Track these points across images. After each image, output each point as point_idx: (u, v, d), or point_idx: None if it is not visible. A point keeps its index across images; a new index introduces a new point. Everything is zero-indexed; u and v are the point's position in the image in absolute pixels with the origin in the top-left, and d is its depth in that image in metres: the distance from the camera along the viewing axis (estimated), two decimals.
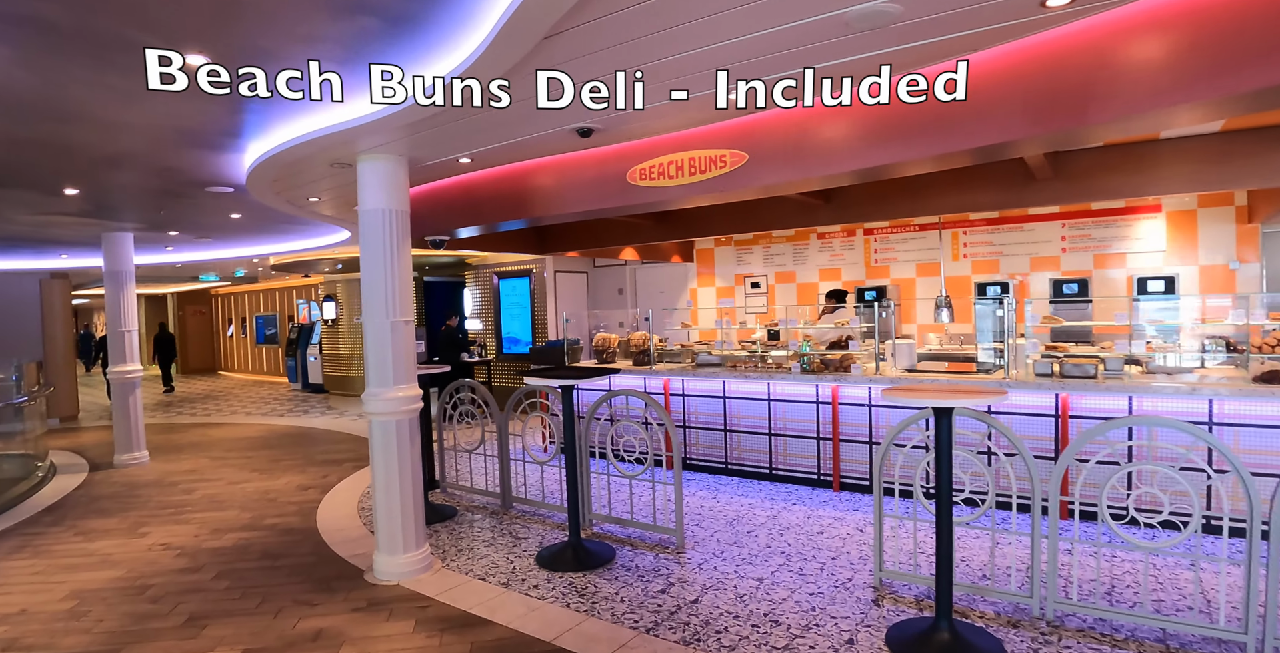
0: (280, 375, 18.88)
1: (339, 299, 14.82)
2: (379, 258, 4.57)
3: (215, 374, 21.81)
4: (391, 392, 4.58)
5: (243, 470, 8.05)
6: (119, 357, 8.50)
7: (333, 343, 15.12)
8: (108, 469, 8.47)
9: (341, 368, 14.95)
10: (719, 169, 4.49)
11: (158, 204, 6.74)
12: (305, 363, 16.02)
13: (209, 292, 22.07)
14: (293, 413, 12.64)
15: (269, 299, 19.52)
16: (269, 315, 19.51)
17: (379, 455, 4.62)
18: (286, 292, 18.73)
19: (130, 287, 8.61)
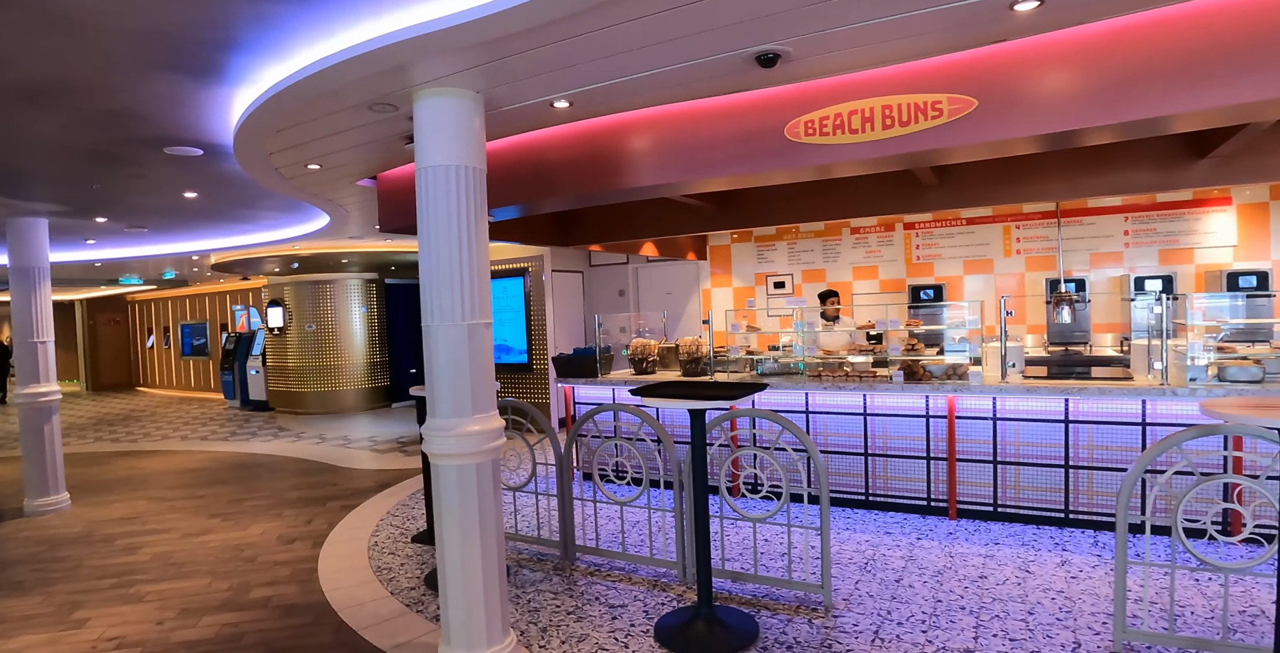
0: (213, 391, 16.77)
1: (288, 304, 13.03)
2: (448, 234, 3.21)
3: (133, 390, 19.38)
4: (469, 424, 3.22)
5: (198, 516, 6.41)
6: (29, 374, 6.73)
7: (279, 354, 13.30)
8: (16, 519, 6.68)
9: (290, 382, 13.15)
10: (929, 120, 3.32)
11: (90, 174, 5.13)
12: (245, 377, 14.11)
13: (125, 298, 19.64)
14: (238, 437, 10.84)
15: (197, 305, 17.37)
16: (197, 324, 17.36)
17: (450, 514, 3.24)
18: (218, 296, 16.66)
19: (45, 286, 6.86)
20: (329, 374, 12.93)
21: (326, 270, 12.46)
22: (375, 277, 13.19)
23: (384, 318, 13.41)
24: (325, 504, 6.57)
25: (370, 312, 13.17)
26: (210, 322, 16.99)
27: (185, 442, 10.62)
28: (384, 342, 13.40)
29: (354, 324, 13.02)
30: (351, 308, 12.99)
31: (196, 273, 13.42)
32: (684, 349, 6.60)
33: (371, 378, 13.21)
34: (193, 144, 4.39)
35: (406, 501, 6.55)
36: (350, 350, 13.01)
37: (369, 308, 13.15)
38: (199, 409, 14.58)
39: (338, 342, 12.92)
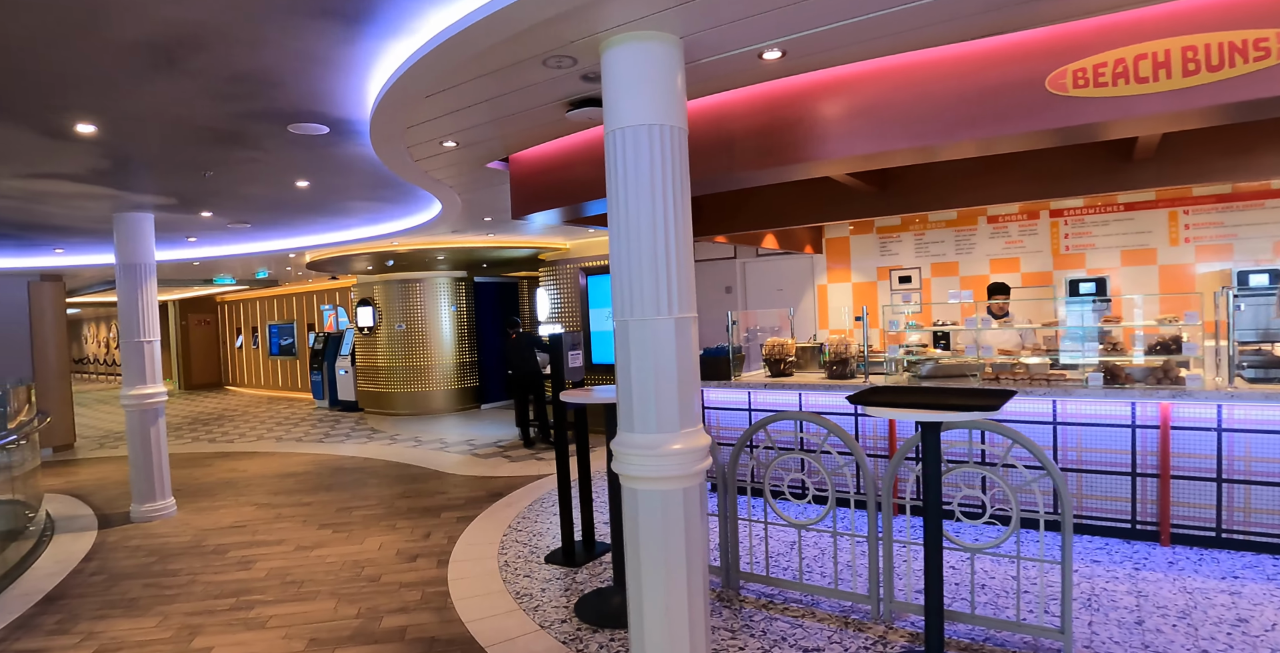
0: (300, 391, 16.78)
1: (377, 303, 12.80)
2: (651, 209, 2.62)
3: (223, 390, 19.65)
4: (674, 441, 2.62)
5: (308, 526, 6.03)
6: (135, 375, 6.47)
7: (368, 354, 13.09)
8: (123, 525, 6.43)
9: (379, 383, 12.91)
10: (1252, 63, 2.58)
11: (204, 160, 4.75)
12: (334, 377, 13.97)
13: (215, 298, 19.94)
14: (331, 439, 10.59)
15: (284, 305, 17.43)
16: (284, 324, 17.42)
17: (651, 549, 2.65)
18: (306, 296, 16.66)
19: (151, 284, 6.59)
20: (418, 374, 12.65)
21: (418, 268, 12.16)
22: (464, 275, 12.85)
23: (473, 317, 13.07)
24: (439, 515, 6.11)
25: (459, 311, 12.84)
26: (298, 322, 17.01)
27: (280, 443, 10.42)
28: (473, 342, 13.06)
29: (443, 323, 12.71)
30: (440, 307, 12.68)
31: (289, 272, 13.32)
32: (831, 349, 5.91)
33: (460, 378, 12.87)
34: (320, 120, 3.92)
35: (526, 513, 6.04)
36: (439, 350, 12.70)
37: (458, 307, 12.82)
38: (288, 409, 14.52)
39: (427, 341, 12.62)
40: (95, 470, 9.11)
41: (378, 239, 8.80)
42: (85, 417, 14.74)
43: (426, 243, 9.53)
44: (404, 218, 7.54)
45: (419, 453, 9.03)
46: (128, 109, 3.65)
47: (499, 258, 11.20)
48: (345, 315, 15.26)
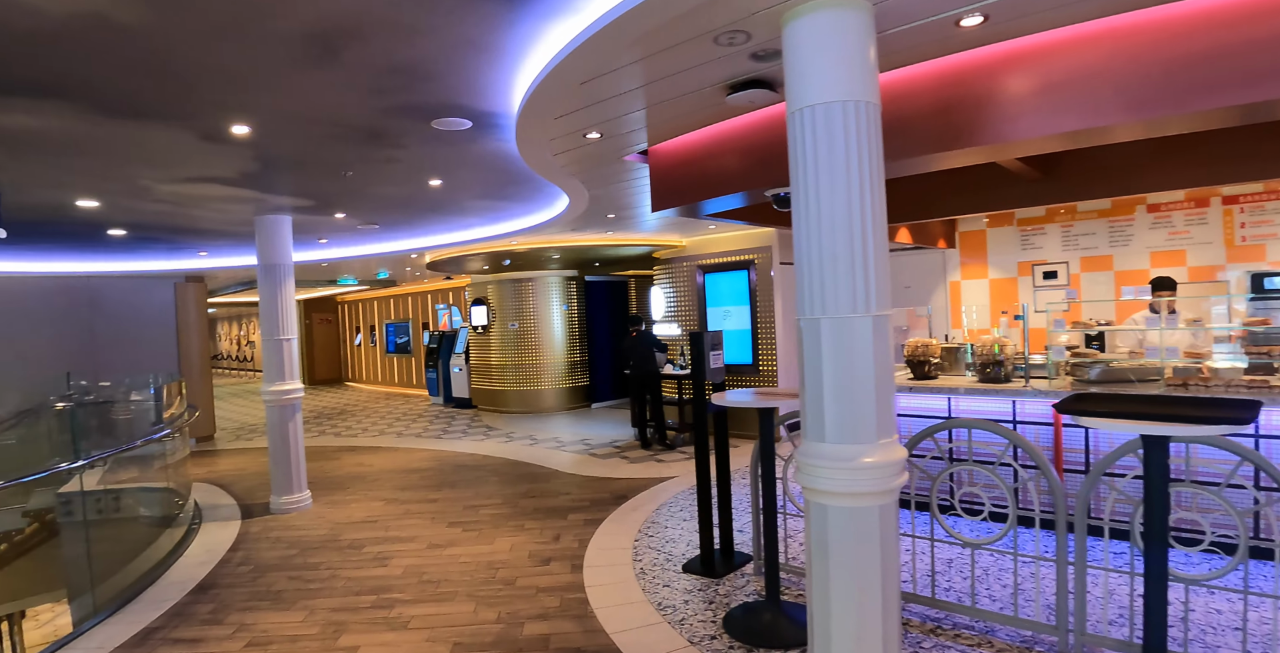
0: (414, 388, 17.30)
1: (491, 302, 12.99)
2: (846, 195, 2.36)
3: (343, 386, 20.53)
4: (870, 453, 2.35)
5: (436, 523, 6.05)
6: (275, 372, 6.67)
7: (482, 352, 13.30)
8: (264, 516, 6.65)
9: (493, 381, 13.09)
10: None
11: (346, 159, 4.79)
12: (449, 375, 14.28)
13: (335, 298, 20.87)
14: (450, 435, 10.77)
15: (400, 305, 18.02)
16: (400, 322, 18.00)
17: (841, 572, 2.39)
18: (420, 296, 17.16)
19: (289, 284, 6.80)
20: (530, 373, 12.74)
21: (531, 268, 12.24)
22: (575, 274, 12.86)
23: (584, 316, 13.06)
24: (566, 517, 6.01)
25: (570, 310, 12.86)
26: (413, 321, 17.54)
27: (401, 438, 10.68)
28: (583, 341, 13.05)
29: (554, 322, 12.76)
30: (552, 306, 12.73)
31: (408, 273, 13.70)
32: (980, 350, 5.45)
33: (571, 377, 12.89)
34: (464, 114, 3.84)
35: (654, 518, 5.86)
36: (551, 349, 12.75)
37: (569, 306, 12.84)
38: (405, 405, 14.95)
39: (539, 340, 12.70)
40: (234, 461, 9.57)
41: (497, 239, 8.84)
42: (221, 409, 15.64)
43: (543, 242, 9.53)
44: (526, 216, 7.51)
45: (536, 452, 9.02)
46: (281, 107, 3.67)
47: (613, 256, 11.12)
48: (459, 314, 15.59)
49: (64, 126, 3.88)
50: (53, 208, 6.11)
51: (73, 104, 3.52)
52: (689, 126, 4.17)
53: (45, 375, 10.03)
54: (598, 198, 6.18)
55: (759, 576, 4.51)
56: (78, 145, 4.25)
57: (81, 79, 3.19)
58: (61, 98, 3.42)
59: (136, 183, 5.32)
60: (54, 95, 3.39)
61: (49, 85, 3.26)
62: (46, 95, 3.38)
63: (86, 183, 5.29)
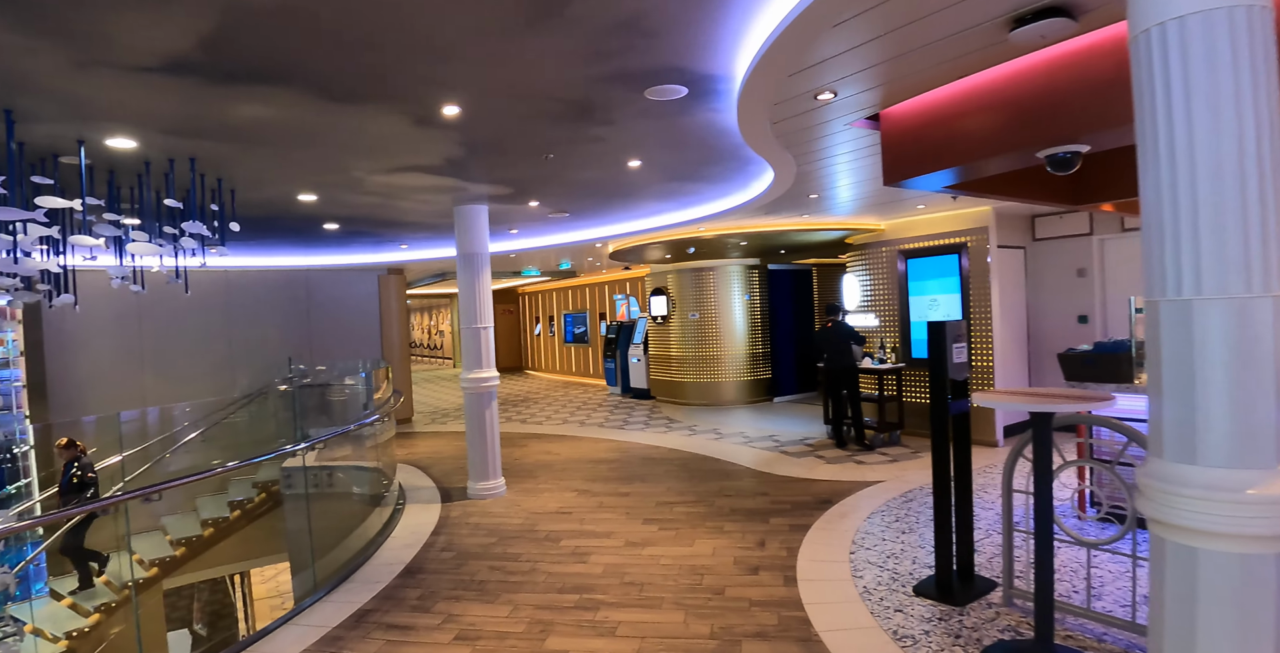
0: (591, 377, 17.56)
1: (670, 292, 12.78)
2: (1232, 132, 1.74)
3: (523, 374, 21.32)
4: (1269, 480, 1.72)
5: (631, 519, 5.83)
6: (474, 360, 6.75)
7: (661, 343, 13.13)
8: (461, 500, 6.75)
9: (672, 372, 12.89)
10: None
11: (550, 139, 4.61)
12: (627, 365, 14.28)
13: (516, 290, 21.67)
14: (631, 426, 10.66)
15: (578, 295, 18.34)
16: (578, 313, 18.33)
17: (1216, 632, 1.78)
18: (598, 287, 17.35)
19: (485, 273, 6.84)
20: (710, 364, 12.41)
21: (713, 256, 11.89)
22: (757, 262, 12.36)
23: (766, 306, 12.53)
24: (767, 520, 5.58)
25: (752, 300, 12.38)
26: (590, 311, 17.79)
27: (583, 428, 10.71)
28: (765, 332, 12.53)
29: (735, 313, 12.33)
30: (733, 296, 12.31)
31: (589, 263, 13.81)
32: None
33: (753, 370, 12.41)
34: (681, 79, 3.50)
35: (868, 528, 5.29)
36: (731, 340, 12.34)
37: (751, 296, 12.36)
38: (583, 394, 15.15)
39: (719, 331, 12.33)
40: (430, 444, 9.98)
41: (684, 225, 8.54)
42: (415, 394, 16.64)
43: (731, 228, 9.11)
44: (720, 199, 7.13)
45: (723, 447, 8.66)
46: (493, 82, 3.49)
47: (801, 242, 10.51)
48: (636, 305, 15.57)
49: (291, 117, 3.94)
50: (278, 203, 6.49)
51: (299, 90, 3.53)
52: (932, 82, 3.57)
53: (271, 359, 10.98)
54: (806, 174, 5.67)
55: (1008, 607, 3.85)
56: (302, 136, 4.35)
57: (307, 61, 3.16)
58: (289, 83, 3.43)
59: (351, 175, 5.47)
60: (282, 81, 3.40)
61: (278, 70, 3.27)
62: (276, 81, 3.40)
63: (308, 177, 5.52)
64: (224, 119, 3.98)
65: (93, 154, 4.51)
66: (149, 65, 3.14)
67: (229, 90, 3.50)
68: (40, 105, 3.63)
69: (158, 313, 10.33)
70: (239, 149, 4.63)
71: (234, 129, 4.17)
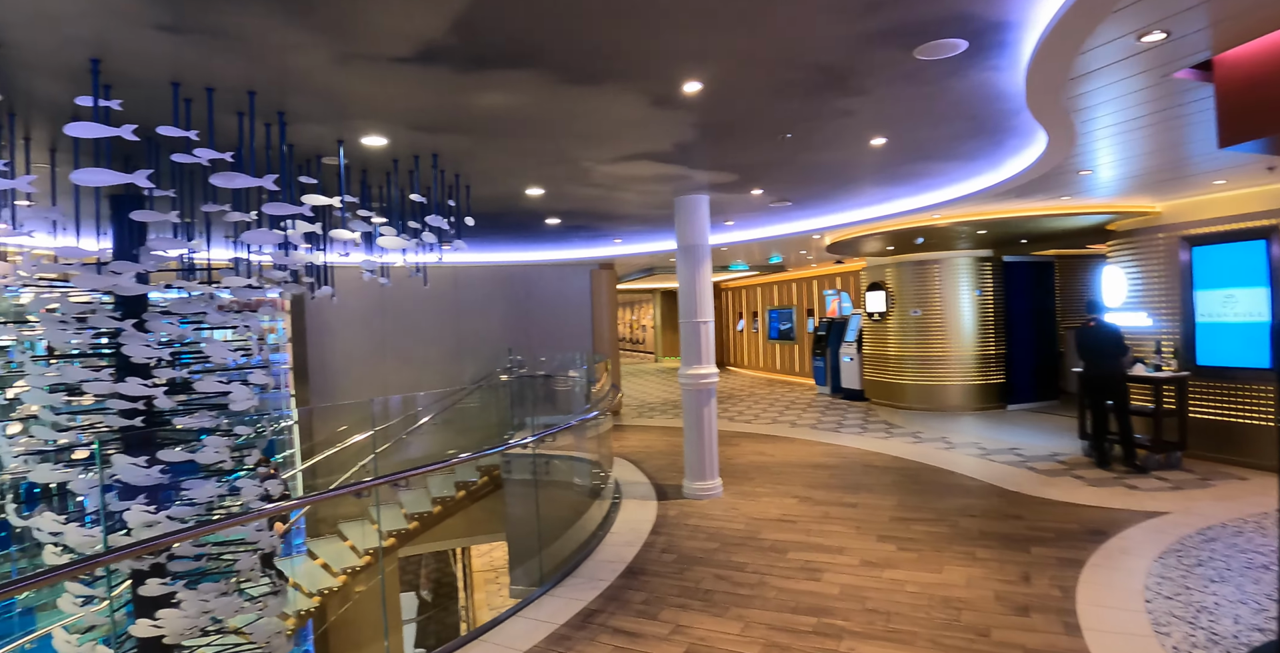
0: (797, 375, 16.92)
1: (889, 287, 11.88)
2: None
3: (725, 370, 21.09)
4: None
5: (863, 534, 5.30)
6: (692, 355, 6.52)
7: (877, 342, 12.27)
8: (677, 499, 6.56)
9: (889, 373, 12.00)
10: None
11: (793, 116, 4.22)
12: (838, 364, 13.53)
13: (719, 285, 21.46)
14: (846, 429, 10.00)
15: (784, 291, 17.75)
16: (784, 309, 17.74)
17: None
18: (806, 282, 16.66)
19: (706, 266, 6.58)
20: (933, 366, 11.38)
21: (939, 248, 10.88)
22: (990, 254, 11.14)
23: (1001, 303, 11.27)
24: (1027, 549, 4.82)
25: (984, 295, 11.18)
26: (797, 307, 17.15)
27: (795, 429, 10.20)
28: (999, 331, 11.27)
29: (963, 310, 11.20)
30: (961, 291, 11.19)
31: (801, 257, 13.24)
32: None
33: (983, 373, 11.22)
34: (963, 30, 2.97)
35: (1160, 570, 4.38)
36: (958, 340, 11.24)
37: (982, 291, 11.17)
38: (790, 393, 14.58)
39: (945, 329, 11.27)
40: (639, 438, 9.96)
41: (917, 212, 7.77)
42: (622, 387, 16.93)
43: (970, 214, 8.17)
44: (967, 180, 6.35)
45: (955, 458, 7.80)
46: (742, 50, 3.18)
47: (1049, 230, 9.27)
48: (848, 300, 14.74)
49: (529, 104, 3.88)
50: (507, 198, 6.65)
51: (540, 74, 3.43)
52: None
53: (494, 350, 11.57)
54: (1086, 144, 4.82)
55: None
56: (538, 125, 4.31)
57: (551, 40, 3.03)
58: (531, 66, 3.33)
59: (579, 165, 5.42)
60: (525, 64, 3.30)
61: (523, 52, 3.17)
62: (519, 65, 3.31)
63: (538, 168, 5.55)
64: (466, 111, 4.01)
65: (349, 153, 4.77)
66: (403, 55, 3.16)
67: (474, 79, 3.47)
68: (307, 105, 3.83)
69: (398, 306, 11.21)
70: (477, 142, 4.70)
71: (474, 121, 4.21)
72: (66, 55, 3.06)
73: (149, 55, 3.12)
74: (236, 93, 3.58)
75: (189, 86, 3.48)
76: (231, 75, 3.36)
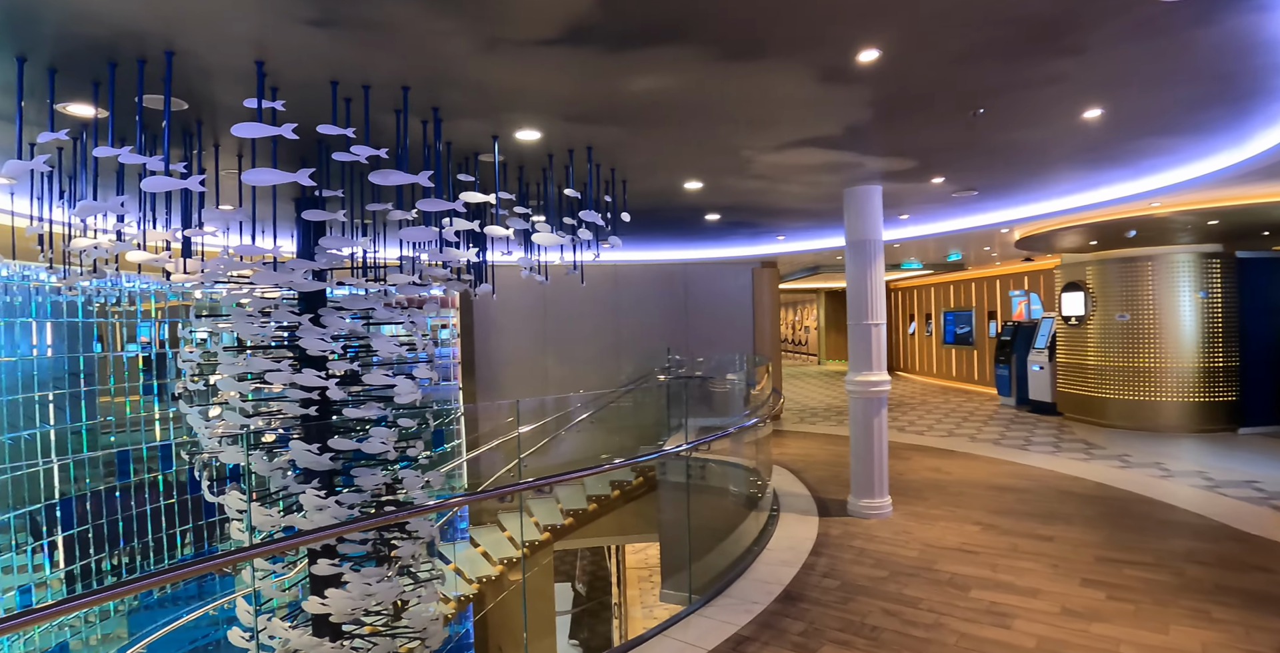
0: (975, 383, 15.55)
1: (1090, 288, 10.53)
2: None
3: (893, 375, 19.84)
4: None
5: (1061, 575, 4.56)
6: (862, 361, 5.97)
7: (1075, 349, 10.92)
8: (841, 516, 6.04)
9: (1088, 385, 10.63)
10: None
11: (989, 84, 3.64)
12: (1025, 373, 12.21)
13: (888, 285, 20.24)
14: (1035, 447, 8.92)
15: (961, 291, 16.37)
16: (961, 311, 16.37)
17: None
18: (987, 282, 15.25)
19: (878, 263, 6.01)
20: (1144, 379, 9.94)
21: (1154, 242, 9.46)
22: (1218, 249, 9.56)
23: (1232, 307, 9.64)
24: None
25: (1209, 298, 9.61)
26: (976, 309, 15.76)
27: (974, 444, 9.25)
28: (1229, 341, 9.64)
29: (1182, 314, 9.69)
30: (1179, 293, 9.69)
31: (984, 254, 12.07)
32: None
33: (1207, 389, 9.64)
34: None
35: None
36: (1175, 350, 9.73)
37: (1208, 293, 9.60)
38: (967, 403, 13.38)
39: (1157, 337, 9.81)
40: (799, 445, 9.42)
41: (1133, 200, 6.71)
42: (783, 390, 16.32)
43: (1202, 202, 6.92)
44: (1198, 160, 5.36)
45: (1174, 489, 6.67)
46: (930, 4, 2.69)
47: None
48: (1038, 302, 13.30)
49: (684, 85, 3.59)
50: (664, 193, 6.42)
51: (695, 50, 3.13)
52: None
53: (652, 349, 11.47)
54: None
55: None
56: (694, 110, 4.01)
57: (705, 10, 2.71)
58: (685, 41, 3.04)
59: (739, 155, 5.07)
60: (678, 39, 3.01)
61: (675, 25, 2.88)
62: (672, 40, 3.02)
63: (696, 160, 5.26)
64: (618, 98, 3.79)
65: (505, 149, 4.71)
66: (550, 36, 2.97)
67: (624, 59, 3.22)
68: (459, 99, 3.76)
69: (559, 304, 11.37)
70: (631, 133, 4.48)
71: (627, 109, 3.98)
72: (232, 57, 3.14)
73: (305, 54, 3.14)
74: (391, 89, 3.56)
75: (347, 85, 3.50)
76: (385, 69, 3.33)
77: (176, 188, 3.13)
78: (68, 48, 3.02)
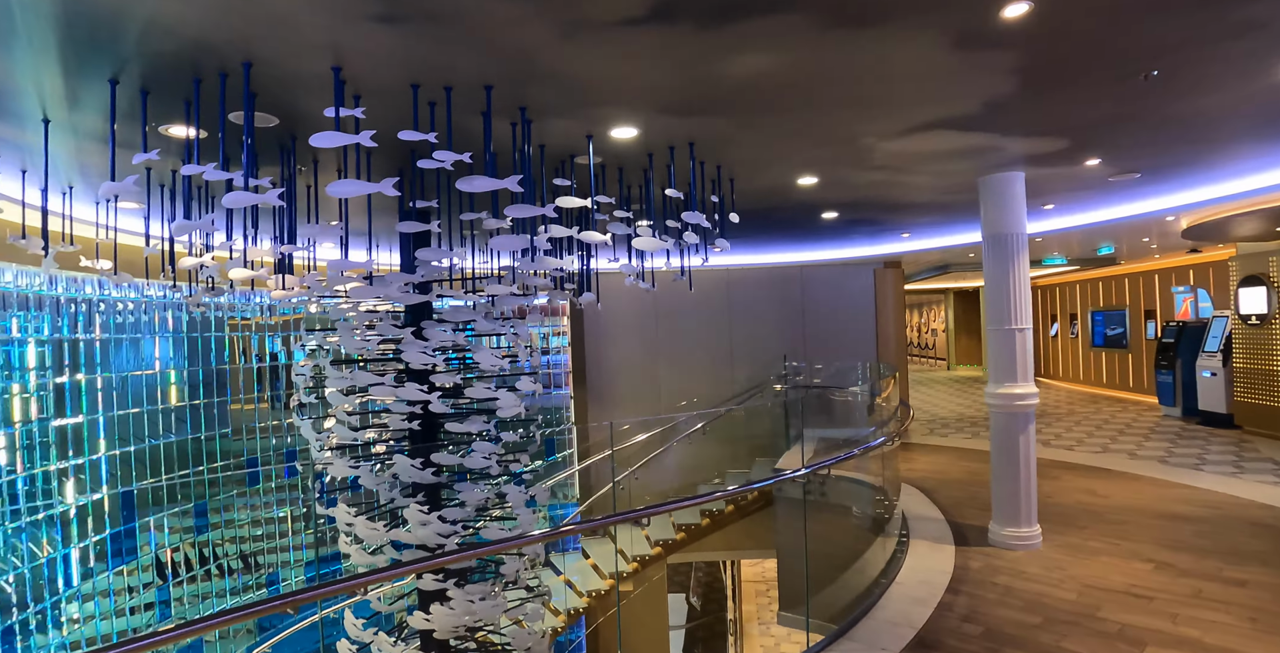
0: (1130, 391, 14.00)
1: (1273, 281, 9.16)
2: None
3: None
4: None
5: (1264, 631, 3.77)
6: (1004, 370, 5.29)
7: (1256, 353, 9.52)
8: (981, 546, 5.37)
9: (1276, 394, 9.23)
10: None
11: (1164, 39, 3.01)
12: (1192, 380, 10.82)
13: None
14: (1211, 466, 7.77)
15: (1113, 288, 14.81)
16: (1112, 310, 14.81)
17: None
18: (1144, 277, 13.70)
19: (1022, 259, 5.31)
20: None
21: None
22: None
23: None
24: None
25: None
26: (1130, 308, 14.20)
27: (1136, 461, 8.18)
28: None
29: None
30: None
31: (1143, 245, 10.77)
32: None
33: None
34: None
35: None
36: None
37: None
38: (1123, 413, 12.01)
39: None
40: (930, 460, 8.65)
41: None
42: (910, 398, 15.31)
43: None
44: None
45: None
46: None
47: None
48: (1208, 299, 11.79)
49: (792, 63, 3.16)
50: (776, 191, 5.98)
51: (801, 18, 2.70)
52: None
53: (767, 356, 10.97)
54: None
55: None
56: (805, 91, 3.57)
57: None
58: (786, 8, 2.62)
59: (857, 144, 4.57)
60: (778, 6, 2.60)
61: None
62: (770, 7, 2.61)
63: (808, 152, 4.80)
64: (718, 84, 3.41)
65: (601, 150, 4.43)
66: (634, 15, 2.63)
67: (722, 35, 2.84)
68: (545, 95, 3.50)
69: (669, 310, 11.06)
70: (735, 125, 4.09)
71: (729, 96, 3.60)
72: (309, 64, 3.01)
73: (379, 55, 2.97)
74: (474, 90, 3.34)
75: (428, 88, 3.31)
76: (463, 67, 3.11)
77: (257, 203, 3.02)
78: (151, 65, 2.97)
